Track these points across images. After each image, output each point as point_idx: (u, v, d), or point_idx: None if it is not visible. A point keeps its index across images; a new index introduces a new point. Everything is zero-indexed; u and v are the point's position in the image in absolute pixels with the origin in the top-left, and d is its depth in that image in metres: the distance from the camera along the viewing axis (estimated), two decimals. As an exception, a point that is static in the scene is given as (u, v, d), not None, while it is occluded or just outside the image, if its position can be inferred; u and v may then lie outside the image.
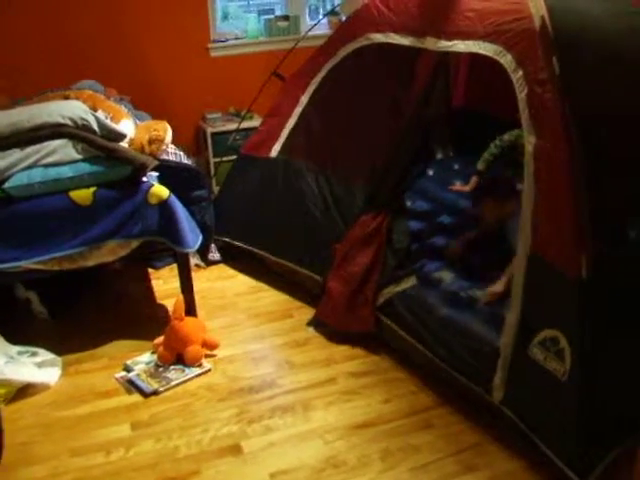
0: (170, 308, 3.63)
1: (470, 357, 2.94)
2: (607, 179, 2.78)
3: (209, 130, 5.18)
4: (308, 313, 3.68)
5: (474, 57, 3.67)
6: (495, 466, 2.67)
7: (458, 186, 4.44)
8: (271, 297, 3.92)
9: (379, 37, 3.62)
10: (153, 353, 3.36)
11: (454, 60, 4.73)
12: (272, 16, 5.51)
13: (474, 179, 4.35)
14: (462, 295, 3.29)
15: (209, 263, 4.25)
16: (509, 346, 2.75)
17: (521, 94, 2.87)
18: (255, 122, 4.89)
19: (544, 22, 2.87)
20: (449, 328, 3.08)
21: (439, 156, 5.06)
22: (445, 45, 3.26)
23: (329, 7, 5.91)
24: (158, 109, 4.64)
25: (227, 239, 4.25)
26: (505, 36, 2.98)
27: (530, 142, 2.80)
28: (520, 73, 2.88)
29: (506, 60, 2.95)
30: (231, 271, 4.23)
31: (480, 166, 4.31)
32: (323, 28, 5.37)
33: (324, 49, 3.99)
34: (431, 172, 4.71)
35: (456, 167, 4.86)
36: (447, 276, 3.47)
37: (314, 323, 3.60)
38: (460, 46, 3.20)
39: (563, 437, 2.53)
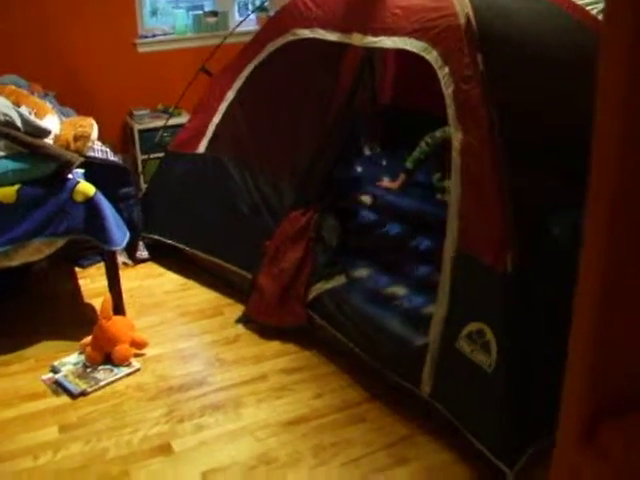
0: (98, 307, 3.56)
1: (398, 353, 2.98)
2: (528, 175, 2.85)
3: (136, 127, 5.11)
4: (238, 310, 3.66)
5: (401, 53, 3.71)
6: (426, 458, 2.70)
7: (386, 182, 4.46)
8: (200, 295, 3.89)
9: (306, 32, 3.62)
10: (81, 354, 3.30)
11: (381, 56, 4.75)
12: (200, 12, 5.46)
13: (402, 177, 4.37)
14: (384, 293, 3.33)
15: (137, 261, 4.19)
16: (437, 340, 2.79)
17: (448, 90, 2.91)
18: (183, 119, 4.85)
19: (469, 19, 2.92)
20: (376, 325, 3.11)
21: (367, 152, 5.07)
22: (371, 41, 3.28)
23: (258, 3, 5.88)
24: (84, 105, 4.54)
25: (155, 236, 4.19)
26: (431, 32, 3.02)
27: (457, 138, 2.85)
28: (446, 70, 2.93)
29: (432, 56, 2.99)
30: (160, 269, 4.17)
31: (409, 164, 4.33)
32: (252, 24, 5.35)
33: (251, 45, 3.98)
34: (359, 169, 4.73)
35: (384, 163, 4.89)
36: (365, 272, 3.50)
37: (244, 320, 3.59)
38: (387, 42, 3.23)
39: (490, 427, 2.58)
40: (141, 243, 4.19)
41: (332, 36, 3.48)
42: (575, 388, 1.01)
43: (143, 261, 4.21)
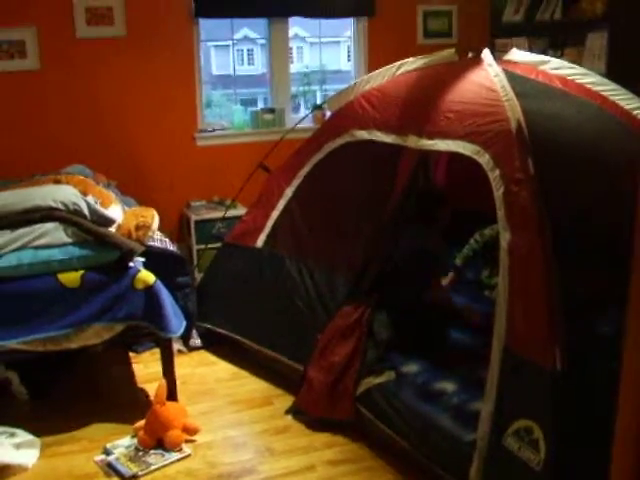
0: (151, 392, 3.66)
1: (446, 448, 2.99)
2: (577, 275, 2.91)
3: (193, 217, 5.29)
4: (288, 401, 3.70)
5: (452, 154, 3.83)
6: None
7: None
8: (251, 384, 3.95)
9: (363, 134, 3.77)
10: (133, 437, 3.37)
11: (435, 154, 4.89)
12: (258, 108, 5.70)
13: (451, 275, 4.45)
14: (433, 388, 3.36)
15: (190, 349, 4.29)
16: (485, 437, 2.80)
17: (498, 192, 3.00)
18: (239, 211, 5.01)
19: (520, 124, 3.04)
20: (425, 420, 3.13)
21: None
22: (426, 144, 3.41)
23: (312, 101, 6.12)
24: (144, 195, 4.76)
25: (209, 325, 4.30)
26: (483, 137, 3.14)
27: (505, 239, 2.92)
28: (497, 172, 3.03)
29: (484, 159, 3.10)
30: (212, 357, 4.26)
31: (458, 261, 4.42)
32: (307, 122, 5.55)
33: (310, 143, 4.15)
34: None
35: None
36: (414, 368, 3.54)
37: (293, 411, 3.63)
38: (441, 145, 3.35)
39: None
40: (195, 331, 4.29)
41: (388, 138, 3.62)
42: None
43: (196, 349, 4.31)
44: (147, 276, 3.45)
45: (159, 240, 3.92)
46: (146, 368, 4.09)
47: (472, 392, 3.23)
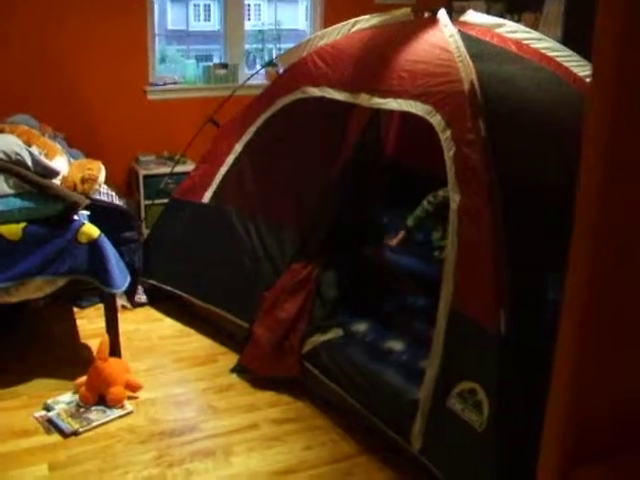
0: (94, 348, 3.59)
1: (390, 407, 3.01)
2: (525, 239, 2.92)
3: (142, 172, 5.19)
4: (233, 359, 3.69)
5: (405, 114, 3.80)
6: (412, 515, 2.72)
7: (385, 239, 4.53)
8: (196, 341, 3.92)
9: (314, 91, 3.71)
10: (75, 393, 3.32)
11: (386, 114, 4.85)
12: (211, 63, 5.59)
13: (402, 234, 4.44)
14: (381, 347, 3.37)
15: (135, 305, 4.22)
16: (428, 397, 2.81)
17: (449, 153, 2.99)
18: (188, 167, 4.93)
19: (473, 86, 3.01)
20: (370, 379, 3.14)
21: (372, 210, 5.12)
22: (378, 102, 3.37)
23: (267, 58, 6.02)
24: (91, 148, 4.64)
25: (155, 282, 4.24)
26: (436, 97, 3.11)
27: (454, 200, 2.92)
28: (448, 133, 3.01)
29: (436, 120, 3.07)
30: (157, 314, 4.21)
31: (410, 222, 4.40)
32: (260, 78, 5.47)
33: (261, 99, 4.07)
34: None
35: (385, 220, 4.96)
36: (363, 327, 3.54)
37: (238, 369, 3.61)
38: (392, 104, 3.31)
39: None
40: (140, 287, 4.23)
41: (340, 95, 3.57)
42: (552, 435, 1.07)
43: (141, 305, 4.25)
44: (91, 230, 3.37)
45: (105, 194, 3.84)
46: (90, 324, 4.03)
47: (420, 351, 3.24)
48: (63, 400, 3.28)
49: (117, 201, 3.93)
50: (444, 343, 2.82)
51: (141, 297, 4.25)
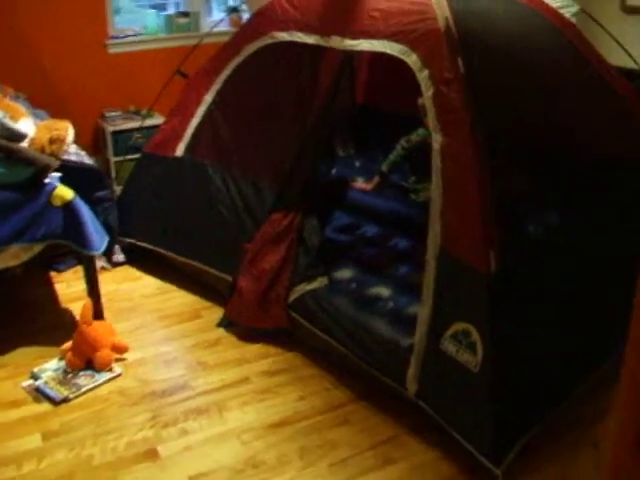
0: (76, 312, 3.55)
1: (383, 352, 2.99)
2: (507, 177, 2.90)
3: (109, 129, 5.06)
4: (218, 313, 3.65)
5: (375, 55, 3.72)
6: (412, 458, 2.72)
7: (359, 184, 4.48)
8: (179, 298, 3.87)
9: (284, 35, 3.62)
10: (61, 359, 3.26)
11: (359, 56, 4.77)
12: (172, 12, 5.42)
13: (376, 179, 4.40)
14: (367, 293, 3.35)
15: (114, 265, 4.15)
16: (422, 340, 2.80)
17: (427, 93, 2.93)
18: (157, 120, 4.83)
19: (448, 23, 2.95)
20: (360, 327, 3.12)
21: (340, 154, 5.08)
22: (350, 44, 3.29)
23: (225, 4, 5.84)
24: (55, 107, 4.51)
25: (132, 240, 4.16)
26: (410, 36, 3.05)
27: (437, 140, 2.87)
28: (426, 72, 2.95)
29: (412, 60, 3.01)
30: (137, 273, 4.14)
31: (384, 167, 4.36)
32: (224, 25, 5.34)
33: (228, 47, 3.96)
34: (334, 171, 4.72)
35: (357, 165, 4.91)
36: (348, 274, 3.52)
37: (224, 323, 3.58)
38: (365, 45, 3.24)
39: (477, 427, 2.61)
40: (117, 247, 4.15)
41: (310, 39, 3.48)
42: (631, 398, 1.03)
43: (120, 265, 4.17)
44: (65, 192, 3.28)
45: (75, 154, 3.73)
46: (69, 287, 3.95)
47: (408, 296, 3.25)
48: (50, 367, 3.22)
49: (87, 160, 3.83)
50: (435, 285, 2.80)
51: (119, 257, 4.17)
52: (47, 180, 3.31)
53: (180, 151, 4.08)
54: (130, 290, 3.96)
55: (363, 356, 3.07)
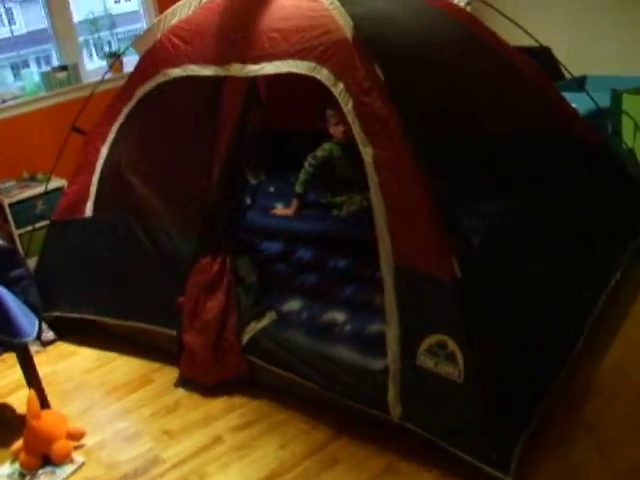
0: (16, 406, 3.31)
1: (354, 380, 2.86)
2: (441, 178, 2.82)
3: (6, 201, 4.74)
4: (170, 374, 3.44)
5: (268, 77, 3.58)
6: (414, 482, 2.60)
7: (280, 210, 4.33)
8: (123, 365, 3.62)
9: (177, 71, 3.45)
10: (14, 461, 2.99)
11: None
12: (49, 68, 5.14)
13: (295, 202, 4.25)
14: (321, 321, 3.21)
15: (44, 344, 3.88)
16: (396, 361, 2.69)
17: (347, 106, 2.83)
18: (57, 183, 4.57)
19: (354, 31, 2.84)
20: (324, 356, 2.98)
21: (252, 181, 4.91)
22: (253, 69, 3.17)
23: (103, 50, 5.58)
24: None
25: (57, 313, 3.89)
26: (316, 51, 2.94)
27: (367, 153, 2.76)
28: (341, 86, 2.85)
29: (323, 75, 2.90)
30: (70, 347, 3.87)
31: (298, 188, 4.22)
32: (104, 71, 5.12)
33: (121, 93, 3.76)
34: (248, 200, 4.54)
35: (272, 190, 4.75)
36: (295, 304, 3.37)
37: (182, 383, 3.37)
38: (269, 68, 3.12)
39: (474, 437, 2.52)
40: (43, 324, 3.87)
41: (207, 70, 3.33)
42: None
43: (51, 343, 3.90)
44: (-20, 282, 3.02)
45: (-22, 236, 3.47)
46: (1, 379, 3.65)
47: (362, 316, 3.13)
48: (2, 474, 2.94)
49: (-5, 241, 3.57)
50: (397, 302, 2.69)
51: (48, 334, 3.90)
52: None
53: (89, 210, 3.85)
54: (69, 368, 3.69)
55: (334, 388, 2.93)
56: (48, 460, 2.97)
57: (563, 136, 3.66)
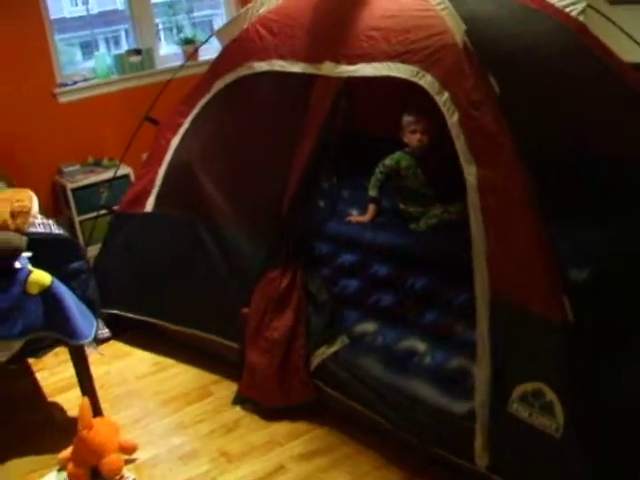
0: (67, 406, 3.14)
1: (435, 422, 2.60)
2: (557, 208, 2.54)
3: (69, 185, 4.58)
4: (229, 387, 3.22)
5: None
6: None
7: (355, 217, 4.07)
8: (181, 374, 3.41)
9: (262, 65, 3.24)
10: (60, 470, 2.79)
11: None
12: (122, 51, 4.96)
13: (371, 207, 3.98)
14: (398, 349, 2.94)
15: (99, 342, 3.66)
16: (485, 405, 2.42)
17: (452, 119, 2.56)
18: (121, 170, 4.38)
19: (469, 36, 2.57)
20: (401, 391, 2.72)
21: (324, 185, 4.65)
22: (347, 70, 2.94)
23: (180, 35, 5.38)
24: (5, 170, 4.04)
25: (115, 311, 3.69)
26: (421, 54, 2.69)
27: (471, 173, 2.49)
28: (446, 95, 2.58)
29: (426, 81, 2.65)
30: (126, 347, 3.67)
31: (372, 192, 3.96)
32: (178, 59, 4.93)
33: (199, 84, 3.56)
34: (322, 204, 4.28)
35: (346, 195, 4.49)
36: (370, 327, 3.11)
37: (240, 400, 3.14)
38: (366, 70, 2.88)
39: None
40: (100, 320, 3.67)
41: (296, 67, 3.11)
42: None
43: (105, 341, 3.68)
44: (42, 277, 2.81)
45: (42, 224, 3.26)
46: (53, 375, 3.46)
47: (444, 348, 2.85)
48: (49, 482, 2.76)
49: (56, 230, 3.36)
50: (490, 340, 2.42)
51: (103, 332, 3.68)
52: (17, 265, 2.85)
53: (150, 205, 3.66)
54: (122, 371, 3.50)
55: (410, 428, 2.67)
56: (97, 473, 2.76)
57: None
